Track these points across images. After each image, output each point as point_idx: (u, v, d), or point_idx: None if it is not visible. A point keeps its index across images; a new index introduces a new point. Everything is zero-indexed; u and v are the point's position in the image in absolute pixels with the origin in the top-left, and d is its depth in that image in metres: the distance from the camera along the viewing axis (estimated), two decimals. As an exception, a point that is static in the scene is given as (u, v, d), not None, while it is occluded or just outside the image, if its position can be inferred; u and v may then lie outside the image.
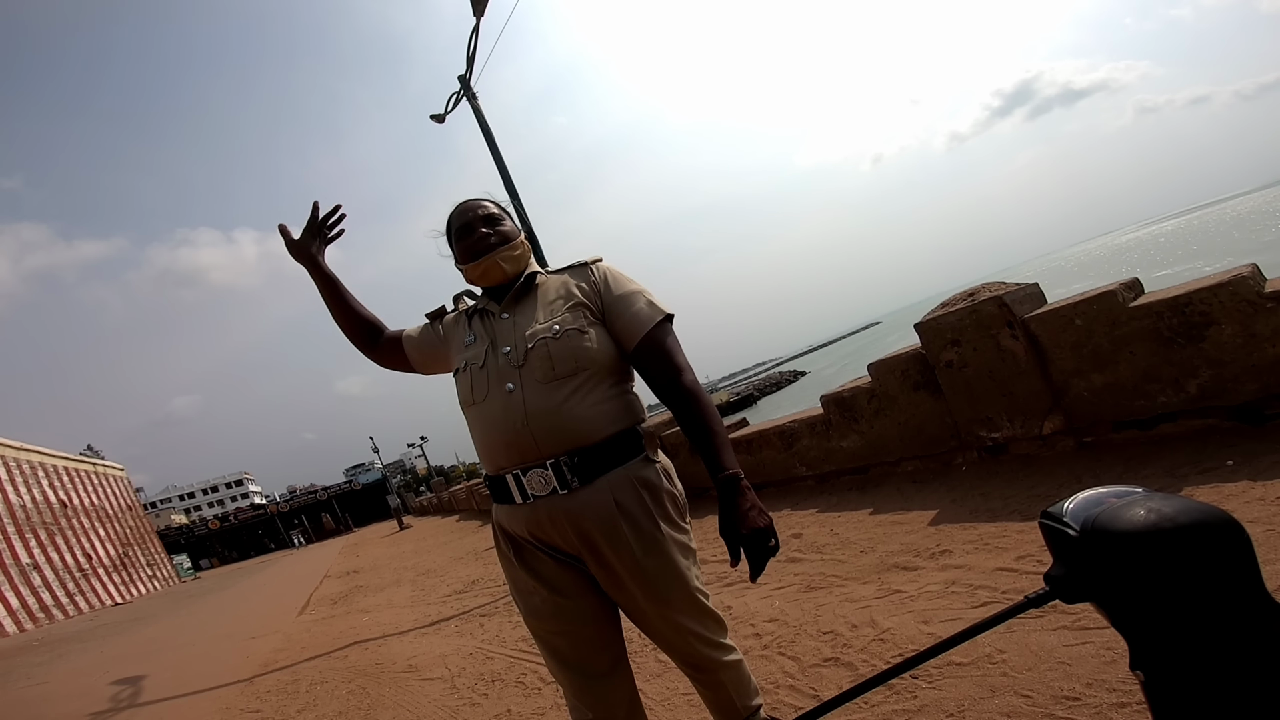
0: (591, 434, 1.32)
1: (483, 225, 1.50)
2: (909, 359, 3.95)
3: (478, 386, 1.40)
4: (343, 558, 17.36)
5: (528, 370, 1.35)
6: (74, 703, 5.49)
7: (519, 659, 3.46)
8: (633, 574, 1.32)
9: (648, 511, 1.34)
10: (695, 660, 1.43)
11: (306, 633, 6.45)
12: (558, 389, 1.32)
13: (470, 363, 1.43)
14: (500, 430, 1.34)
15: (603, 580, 1.37)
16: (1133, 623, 0.77)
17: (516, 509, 1.38)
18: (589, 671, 1.39)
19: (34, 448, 24.27)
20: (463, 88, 8.83)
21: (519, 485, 1.34)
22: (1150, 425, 3.00)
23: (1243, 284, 2.69)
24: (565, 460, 1.31)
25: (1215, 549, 0.70)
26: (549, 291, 1.47)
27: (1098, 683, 1.60)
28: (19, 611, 18.90)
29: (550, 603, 1.37)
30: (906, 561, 2.85)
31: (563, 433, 1.31)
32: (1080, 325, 3.12)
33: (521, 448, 1.32)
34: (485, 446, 1.39)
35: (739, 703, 1.51)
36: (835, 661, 2.23)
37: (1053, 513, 0.84)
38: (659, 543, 1.34)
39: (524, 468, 1.33)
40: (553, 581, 1.38)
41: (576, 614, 1.38)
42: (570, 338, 1.35)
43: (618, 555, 1.32)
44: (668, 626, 1.38)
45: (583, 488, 1.31)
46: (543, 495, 1.32)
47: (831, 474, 4.70)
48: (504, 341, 1.41)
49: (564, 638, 1.39)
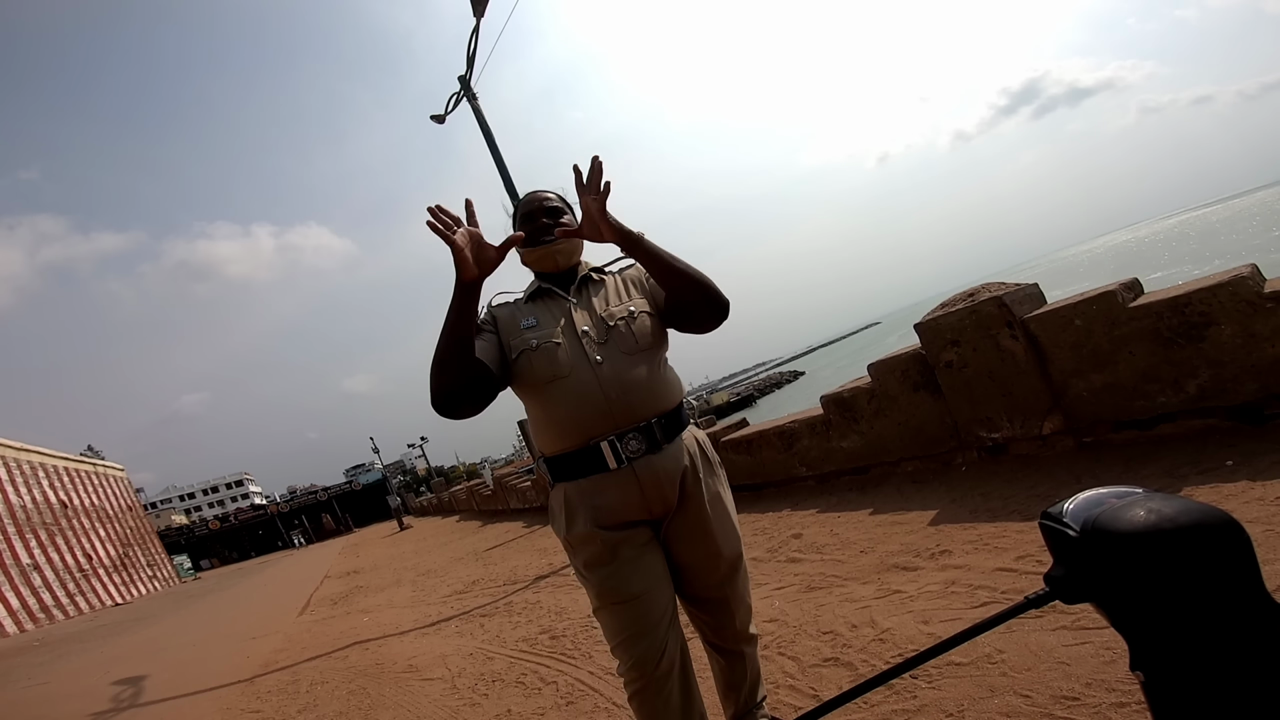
0: (669, 400, 1.53)
1: (545, 216, 1.63)
2: (909, 359, 3.95)
3: (560, 363, 1.50)
4: (343, 558, 17.37)
5: (611, 346, 1.51)
6: (75, 703, 5.50)
7: (519, 659, 3.46)
8: (704, 524, 1.53)
9: (710, 467, 1.59)
10: (733, 622, 1.61)
11: (307, 633, 6.46)
12: (639, 362, 1.50)
13: (544, 341, 1.52)
14: (593, 401, 1.46)
15: (679, 535, 1.54)
16: (1133, 623, 0.77)
17: (603, 479, 1.48)
18: (655, 634, 1.48)
19: (34, 448, 24.29)
20: (463, 88, 8.83)
21: (615, 450, 1.46)
22: (1150, 425, 3.00)
23: (1242, 284, 2.69)
24: (656, 423, 1.49)
25: (1215, 549, 0.70)
26: (615, 283, 1.66)
27: (1097, 683, 1.60)
28: (19, 612, 18.91)
29: (625, 570, 1.49)
30: (906, 561, 2.85)
31: (652, 398, 1.49)
32: (1080, 325, 3.13)
33: (616, 415, 1.46)
34: (573, 418, 1.48)
35: (749, 683, 1.69)
36: (835, 661, 2.23)
37: (1053, 513, 0.84)
38: (720, 496, 1.58)
39: (619, 433, 1.46)
40: (631, 549, 1.50)
41: (648, 580, 1.49)
42: (644, 320, 1.55)
43: (697, 505, 1.52)
44: (724, 579, 1.57)
45: (669, 446, 1.50)
46: (638, 456, 1.47)
47: (832, 474, 4.70)
48: (580, 322, 1.55)
49: (639, 603, 1.48)
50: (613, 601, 1.49)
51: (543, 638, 3.69)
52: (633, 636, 1.47)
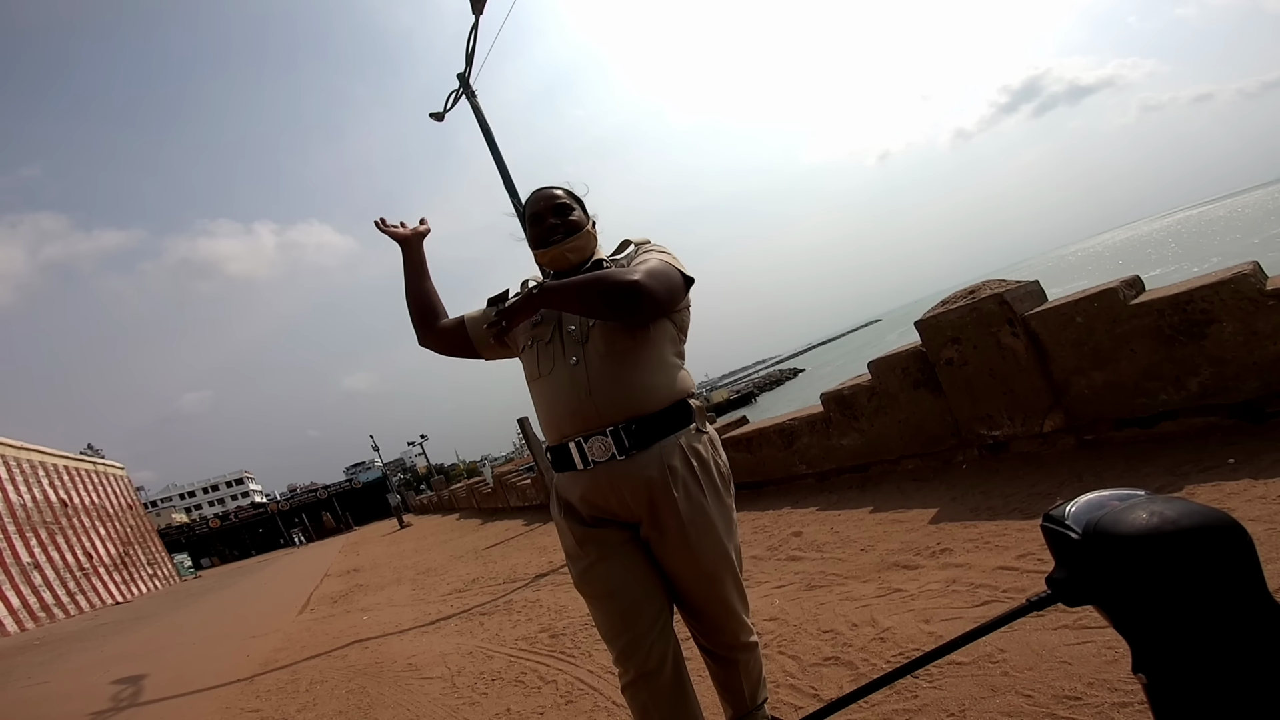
0: (648, 404, 1.43)
1: (552, 216, 1.58)
2: (909, 357, 3.94)
3: (544, 361, 1.50)
4: (343, 556, 17.37)
5: (591, 345, 1.46)
6: (74, 702, 5.49)
7: (519, 658, 3.46)
8: (680, 537, 1.43)
9: (696, 478, 1.46)
10: (721, 634, 1.54)
11: (307, 631, 6.45)
12: (617, 362, 1.43)
13: (537, 339, 1.53)
14: (565, 400, 1.45)
15: (654, 543, 1.48)
16: (1135, 626, 0.76)
17: (577, 476, 1.48)
18: (635, 630, 1.46)
19: (34, 447, 24.28)
20: (462, 85, 8.81)
21: (580, 452, 1.44)
22: (1151, 423, 2.99)
23: (1244, 281, 2.68)
24: (624, 428, 1.41)
25: (1218, 552, 0.70)
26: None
27: (1099, 682, 1.59)
28: (19, 610, 18.92)
29: (599, 567, 1.47)
30: (907, 560, 2.84)
31: (622, 402, 1.42)
32: (1081, 323, 3.12)
33: (584, 416, 1.42)
34: (550, 416, 1.49)
35: (748, 688, 1.62)
36: (835, 661, 2.23)
37: (1055, 516, 0.83)
38: (704, 509, 1.45)
39: (586, 435, 1.43)
40: (603, 546, 1.48)
41: (625, 577, 1.47)
42: None
43: (668, 518, 1.43)
44: (705, 593, 1.49)
45: (639, 453, 1.42)
46: (603, 461, 1.43)
47: (832, 472, 4.69)
48: (569, 320, 1.51)
49: (612, 600, 1.47)
50: (588, 595, 1.52)
51: (542, 636, 3.69)
52: (612, 631, 1.48)
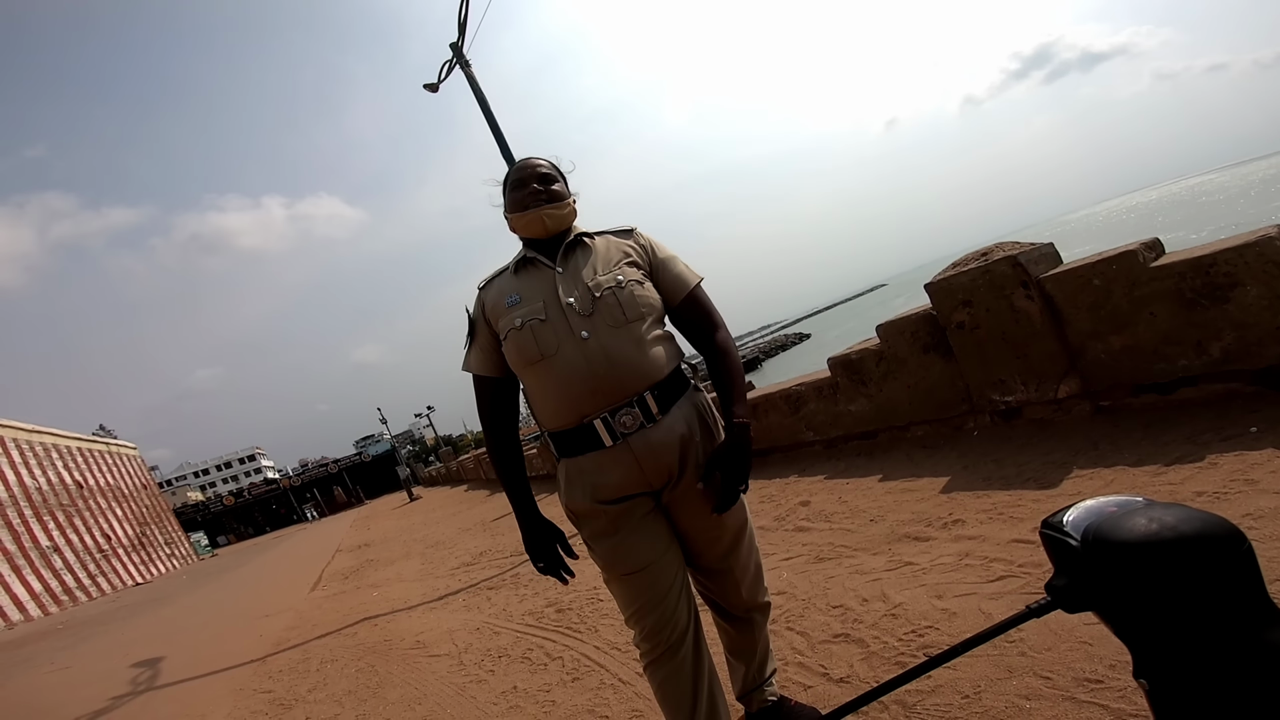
0: (662, 369, 1.46)
1: (536, 182, 1.56)
2: (919, 320, 3.83)
3: (545, 340, 1.44)
4: (354, 531, 17.58)
5: (598, 318, 1.43)
6: (94, 687, 5.57)
7: (525, 634, 3.44)
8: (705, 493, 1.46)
9: (709, 434, 1.51)
10: (740, 591, 1.58)
11: (318, 609, 6.51)
12: (629, 333, 1.44)
13: (528, 319, 1.46)
14: (583, 378, 1.41)
15: (677, 504, 1.49)
16: (1135, 632, 0.77)
17: (603, 454, 1.44)
18: (665, 606, 1.47)
19: (47, 429, 24.50)
20: (455, 55, 8.57)
21: (609, 427, 1.42)
22: (1170, 389, 2.89)
23: (1269, 244, 2.56)
24: (650, 393, 1.43)
25: (1217, 559, 0.70)
26: (603, 249, 1.56)
27: (1121, 664, 1.53)
28: (42, 595, 19.31)
29: (630, 540, 1.47)
30: (918, 531, 2.78)
31: (644, 369, 1.43)
32: (1098, 286, 3.00)
33: (606, 391, 1.41)
34: (565, 398, 1.44)
35: (759, 652, 1.70)
36: (845, 638, 2.18)
37: (1053, 522, 0.84)
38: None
39: (612, 410, 1.42)
40: (631, 519, 1.48)
41: (652, 550, 1.48)
42: (634, 288, 1.48)
43: (695, 475, 1.46)
44: (730, 546, 1.54)
45: (665, 418, 1.44)
46: (633, 431, 1.42)
47: (839, 439, 4.62)
48: (566, 294, 1.47)
49: (646, 574, 1.47)
50: (620, 573, 1.49)
51: (549, 611, 3.67)
52: (643, 607, 1.47)
